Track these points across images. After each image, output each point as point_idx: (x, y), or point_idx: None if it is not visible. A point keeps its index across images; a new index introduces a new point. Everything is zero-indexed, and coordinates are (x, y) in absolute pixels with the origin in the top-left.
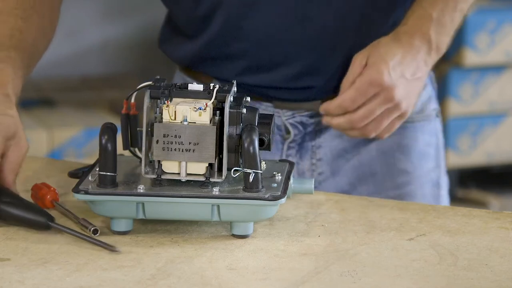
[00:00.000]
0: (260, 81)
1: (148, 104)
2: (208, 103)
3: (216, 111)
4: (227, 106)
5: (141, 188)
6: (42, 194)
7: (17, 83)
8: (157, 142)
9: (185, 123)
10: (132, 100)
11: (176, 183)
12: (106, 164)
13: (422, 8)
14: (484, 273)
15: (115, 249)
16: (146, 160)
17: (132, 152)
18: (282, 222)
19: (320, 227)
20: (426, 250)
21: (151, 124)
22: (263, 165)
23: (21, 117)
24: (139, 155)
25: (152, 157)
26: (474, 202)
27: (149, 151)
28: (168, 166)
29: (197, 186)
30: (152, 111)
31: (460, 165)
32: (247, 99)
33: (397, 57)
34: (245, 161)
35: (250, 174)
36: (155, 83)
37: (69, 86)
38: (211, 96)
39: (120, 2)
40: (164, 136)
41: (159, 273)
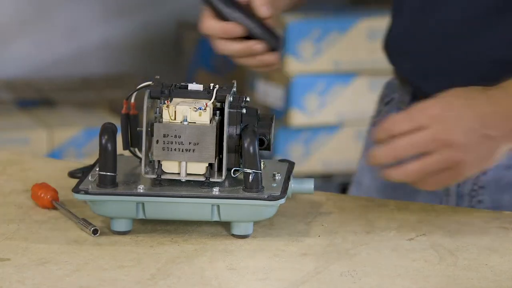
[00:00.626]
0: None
1: (148, 104)
2: (208, 103)
3: (216, 111)
4: (227, 106)
5: (141, 188)
6: (42, 194)
7: None
8: (157, 142)
9: (185, 123)
10: (132, 100)
11: (176, 183)
12: (106, 164)
13: None
14: (484, 273)
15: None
16: (146, 160)
17: (132, 152)
18: (282, 222)
19: (320, 227)
20: (426, 250)
21: (151, 124)
22: (263, 165)
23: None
24: (139, 155)
25: (152, 157)
26: None
27: (149, 151)
28: (168, 166)
29: (197, 186)
30: (152, 111)
31: None
32: (247, 99)
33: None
34: (245, 161)
35: (250, 174)
36: (155, 83)
37: (69, 86)
38: (211, 96)
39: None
40: (164, 136)
41: (159, 273)
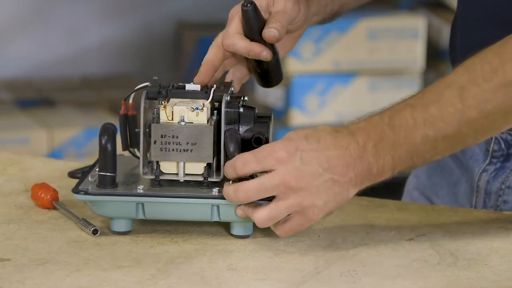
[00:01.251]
0: None
1: (145, 105)
2: (205, 103)
3: (214, 111)
4: (224, 106)
5: (141, 189)
6: (42, 194)
7: None
8: (155, 143)
9: (183, 123)
10: (130, 101)
11: (176, 184)
12: (106, 165)
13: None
14: (484, 273)
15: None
16: (145, 161)
17: (132, 153)
18: None
19: (320, 227)
20: (426, 250)
21: (149, 125)
22: None
23: (21, 117)
24: (139, 156)
25: (150, 158)
26: None
27: (147, 152)
28: (166, 167)
29: (197, 186)
30: (150, 112)
31: None
32: (245, 99)
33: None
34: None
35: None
36: (153, 84)
37: (69, 86)
38: (208, 96)
39: (120, 2)
40: (162, 137)
41: (159, 273)
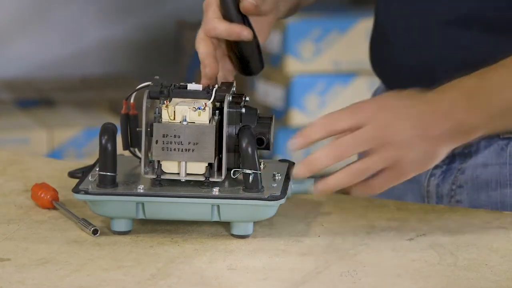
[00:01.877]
0: None
1: (147, 104)
2: (207, 103)
3: (216, 111)
4: (226, 106)
5: (141, 188)
6: (42, 194)
7: None
8: (156, 142)
9: (184, 123)
10: (132, 100)
11: (176, 183)
12: (106, 164)
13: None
14: (484, 273)
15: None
16: (146, 160)
17: (132, 153)
18: (282, 222)
19: (320, 227)
20: (426, 250)
21: (150, 124)
22: (262, 165)
23: (21, 117)
24: (139, 155)
25: (152, 157)
26: None
27: (149, 151)
28: (168, 166)
29: (197, 186)
30: (152, 111)
31: None
32: (247, 99)
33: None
34: (244, 162)
35: (250, 175)
36: (154, 84)
37: (69, 86)
38: (210, 96)
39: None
40: (163, 136)
41: (159, 273)
